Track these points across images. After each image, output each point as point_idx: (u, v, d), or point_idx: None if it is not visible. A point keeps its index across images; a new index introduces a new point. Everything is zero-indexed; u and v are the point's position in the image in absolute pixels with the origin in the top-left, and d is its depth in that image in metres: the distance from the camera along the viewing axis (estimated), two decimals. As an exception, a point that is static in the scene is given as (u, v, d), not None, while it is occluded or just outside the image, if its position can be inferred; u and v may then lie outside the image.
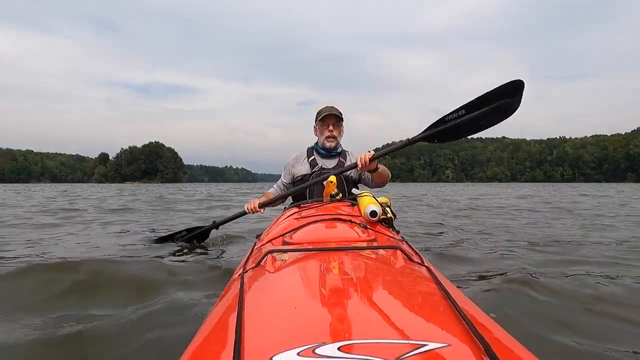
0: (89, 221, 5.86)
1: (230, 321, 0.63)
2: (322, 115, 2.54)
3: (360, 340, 0.52)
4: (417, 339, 0.52)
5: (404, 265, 0.95)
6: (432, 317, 0.63)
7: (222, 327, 0.66)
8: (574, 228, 4.99)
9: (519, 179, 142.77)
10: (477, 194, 18.22)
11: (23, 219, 6.11)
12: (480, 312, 0.71)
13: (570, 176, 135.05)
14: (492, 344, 0.51)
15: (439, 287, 0.76)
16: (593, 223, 5.55)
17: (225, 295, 0.90)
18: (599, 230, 4.80)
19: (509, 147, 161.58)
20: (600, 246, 3.53)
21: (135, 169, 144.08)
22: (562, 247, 3.47)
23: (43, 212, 7.43)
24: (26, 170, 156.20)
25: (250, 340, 0.55)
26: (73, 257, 2.86)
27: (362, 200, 1.68)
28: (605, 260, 2.90)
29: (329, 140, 2.56)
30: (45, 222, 5.72)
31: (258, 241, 1.57)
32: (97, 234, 4.54)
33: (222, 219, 3.14)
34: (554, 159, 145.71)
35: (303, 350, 0.50)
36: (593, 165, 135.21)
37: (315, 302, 0.72)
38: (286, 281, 0.88)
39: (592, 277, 2.33)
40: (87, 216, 6.77)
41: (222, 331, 0.64)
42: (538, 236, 4.19)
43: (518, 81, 2.04)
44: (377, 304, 0.68)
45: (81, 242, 3.92)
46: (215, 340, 0.62)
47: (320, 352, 0.49)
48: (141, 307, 1.85)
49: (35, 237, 4.10)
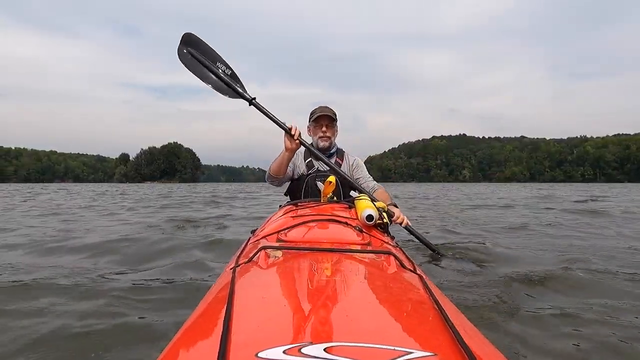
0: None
1: (219, 314, 0.63)
2: (315, 115, 2.54)
3: (346, 342, 0.52)
4: (404, 346, 0.51)
5: (396, 271, 0.95)
6: (421, 326, 0.63)
7: (211, 319, 0.66)
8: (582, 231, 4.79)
9: (537, 178, 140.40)
10: (497, 196, 16.63)
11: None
12: (468, 324, 0.71)
13: (592, 176, 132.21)
14: (478, 356, 0.51)
15: (429, 295, 0.76)
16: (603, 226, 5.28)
17: (215, 287, 0.90)
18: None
19: (528, 146, 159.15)
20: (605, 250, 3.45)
21: (155, 169, 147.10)
22: (563, 252, 3.32)
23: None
24: (50, 170, 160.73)
25: (237, 334, 0.55)
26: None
27: (360, 204, 1.68)
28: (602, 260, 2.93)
29: (322, 140, 2.55)
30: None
31: (252, 236, 1.57)
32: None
33: (262, 106, 2.36)
34: (574, 158, 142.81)
35: (289, 349, 0.50)
36: (615, 165, 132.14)
37: (305, 302, 0.71)
38: (278, 278, 0.87)
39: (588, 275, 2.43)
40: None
41: (210, 323, 0.64)
42: (545, 244, 3.84)
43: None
44: (366, 308, 0.68)
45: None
46: (203, 332, 0.62)
47: (306, 352, 0.49)
48: (131, 289, 1.91)
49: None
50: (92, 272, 2.53)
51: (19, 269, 2.63)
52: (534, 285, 2.29)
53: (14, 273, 2.52)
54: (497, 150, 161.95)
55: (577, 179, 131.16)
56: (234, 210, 8.45)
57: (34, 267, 2.71)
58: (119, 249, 3.39)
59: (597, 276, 2.46)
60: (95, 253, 3.20)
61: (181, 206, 9.66)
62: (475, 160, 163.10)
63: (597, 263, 2.83)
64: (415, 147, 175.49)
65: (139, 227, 5.14)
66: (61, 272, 2.52)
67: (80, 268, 2.65)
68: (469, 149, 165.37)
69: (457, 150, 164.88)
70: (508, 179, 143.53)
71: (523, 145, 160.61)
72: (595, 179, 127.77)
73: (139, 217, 6.78)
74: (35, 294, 2.02)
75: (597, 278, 2.42)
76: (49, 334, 1.54)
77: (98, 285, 2.16)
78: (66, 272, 2.52)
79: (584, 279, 2.40)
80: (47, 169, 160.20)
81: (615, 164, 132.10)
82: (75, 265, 2.77)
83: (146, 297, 1.91)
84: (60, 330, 1.56)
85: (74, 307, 1.82)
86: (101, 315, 1.69)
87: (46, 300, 1.92)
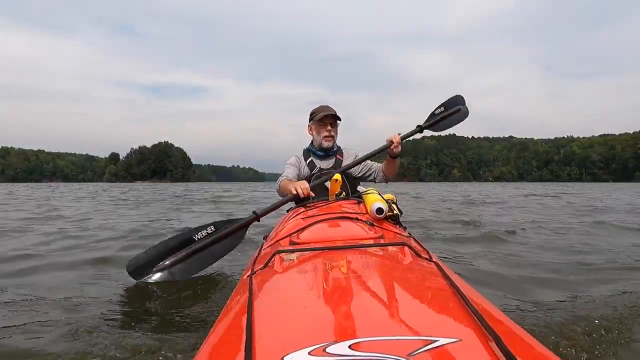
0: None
1: (241, 322, 0.63)
2: (319, 115, 2.50)
3: (370, 337, 0.53)
4: (428, 335, 0.52)
5: (412, 261, 0.95)
6: (442, 313, 0.63)
7: (233, 328, 0.67)
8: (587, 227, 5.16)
9: (526, 178, 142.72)
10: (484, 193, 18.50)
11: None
12: (491, 306, 0.70)
13: (578, 176, 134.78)
14: (504, 337, 0.51)
15: (448, 282, 0.76)
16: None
17: (234, 296, 0.90)
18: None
19: (516, 146, 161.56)
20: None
21: (146, 169, 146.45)
22: (572, 247, 3.60)
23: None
24: (38, 169, 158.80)
25: (261, 340, 0.55)
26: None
27: (368, 198, 1.68)
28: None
29: (327, 139, 2.52)
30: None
31: (265, 242, 1.57)
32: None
33: (265, 207, 2.27)
34: (561, 158, 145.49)
35: (314, 350, 0.50)
36: (601, 165, 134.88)
37: (325, 301, 0.72)
38: (295, 281, 0.88)
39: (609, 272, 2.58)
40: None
41: (233, 332, 0.64)
42: (551, 235, 4.43)
43: (460, 96, 2.84)
44: (386, 301, 0.68)
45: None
46: (227, 341, 0.62)
47: (331, 351, 0.50)
48: (151, 309, 1.87)
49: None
50: (100, 280, 2.53)
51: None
52: (557, 273, 2.48)
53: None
54: (486, 150, 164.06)
55: (563, 178, 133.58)
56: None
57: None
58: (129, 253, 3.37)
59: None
60: (107, 259, 3.16)
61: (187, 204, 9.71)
62: (465, 160, 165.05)
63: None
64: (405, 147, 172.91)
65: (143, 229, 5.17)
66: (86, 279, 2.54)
67: (89, 275, 2.65)
68: (459, 148, 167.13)
69: (447, 150, 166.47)
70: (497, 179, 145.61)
71: (512, 145, 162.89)
72: (581, 179, 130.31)
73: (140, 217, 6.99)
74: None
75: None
76: (52, 341, 1.51)
77: (104, 294, 2.16)
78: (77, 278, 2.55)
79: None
80: (34, 168, 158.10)
81: (600, 163, 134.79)
82: (83, 273, 2.73)
83: (165, 310, 1.89)
84: (73, 338, 1.52)
85: (86, 314, 1.81)
86: (118, 327, 1.66)
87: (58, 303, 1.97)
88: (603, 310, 1.73)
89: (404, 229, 1.62)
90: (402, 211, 1.72)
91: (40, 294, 2.18)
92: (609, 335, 1.49)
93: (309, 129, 2.62)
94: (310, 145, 2.66)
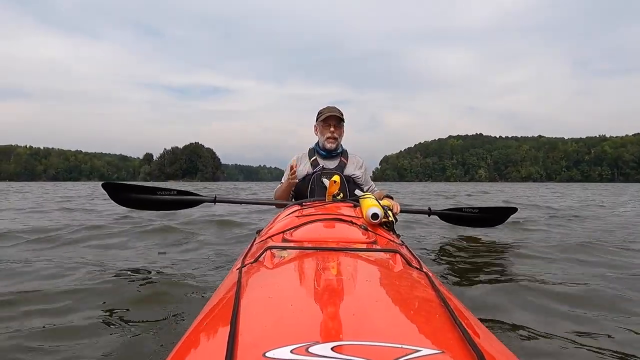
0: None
1: (225, 314, 0.64)
2: (324, 115, 2.52)
3: (353, 341, 0.52)
4: (411, 344, 0.51)
5: (402, 269, 0.94)
6: (428, 323, 0.63)
7: (218, 320, 0.67)
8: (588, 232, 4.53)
9: (554, 178, 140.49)
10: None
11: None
12: (476, 321, 0.71)
13: (609, 176, 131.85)
14: (486, 354, 0.51)
15: (436, 293, 0.76)
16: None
17: (222, 288, 0.91)
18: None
19: (545, 146, 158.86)
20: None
21: (177, 168, 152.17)
22: (572, 253, 3.18)
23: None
24: (77, 169, 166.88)
25: (244, 334, 0.56)
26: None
27: (365, 202, 1.67)
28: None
29: (330, 141, 2.54)
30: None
31: (258, 237, 1.55)
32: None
33: (227, 197, 2.69)
34: (591, 158, 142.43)
35: (296, 348, 0.50)
36: (634, 165, 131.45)
37: (312, 301, 0.72)
38: (284, 278, 0.88)
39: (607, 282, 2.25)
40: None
41: (217, 324, 0.65)
42: (550, 242, 3.73)
43: (513, 208, 3.13)
44: (372, 307, 0.68)
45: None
46: (210, 333, 0.62)
47: (313, 351, 0.50)
48: (135, 295, 1.90)
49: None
50: (89, 269, 2.46)
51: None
52: (548, 284, 2.20)
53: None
54: (514, 150, 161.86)
55: (594, 179, 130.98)
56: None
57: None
58: (123, 243, 3.44)
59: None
60: (99, 251, 3.16)
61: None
62: (491, 160, 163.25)
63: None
64: (431, 147, 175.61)
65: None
66: (77, 265, 2.52)
67: (82, 264, 2.58)
68: (485, 148, 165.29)
69: (473, 149, 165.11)
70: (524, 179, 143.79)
71: (540, 145, 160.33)
72: (613, 179, 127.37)
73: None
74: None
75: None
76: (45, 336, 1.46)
77: (98, 285, 2.11)
78: (73, 263, 2.54)
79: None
80: (74, 168, 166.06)
81: (633, 163, 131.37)
82: (77, 259, 2.72)
83: (153, 297, 1.90)
84: (61, 334, 1.49)
85: (74, 308, 1.76)
86: (104, 318, 1.65)
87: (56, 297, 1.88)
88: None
89: (397, 236, 1.62)
90: (397, 219, 1.75)
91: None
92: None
93: (315, 129, 2.67)
94: (315, 145, 2.70)
